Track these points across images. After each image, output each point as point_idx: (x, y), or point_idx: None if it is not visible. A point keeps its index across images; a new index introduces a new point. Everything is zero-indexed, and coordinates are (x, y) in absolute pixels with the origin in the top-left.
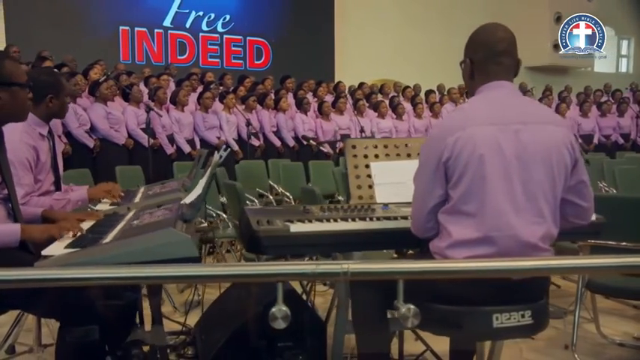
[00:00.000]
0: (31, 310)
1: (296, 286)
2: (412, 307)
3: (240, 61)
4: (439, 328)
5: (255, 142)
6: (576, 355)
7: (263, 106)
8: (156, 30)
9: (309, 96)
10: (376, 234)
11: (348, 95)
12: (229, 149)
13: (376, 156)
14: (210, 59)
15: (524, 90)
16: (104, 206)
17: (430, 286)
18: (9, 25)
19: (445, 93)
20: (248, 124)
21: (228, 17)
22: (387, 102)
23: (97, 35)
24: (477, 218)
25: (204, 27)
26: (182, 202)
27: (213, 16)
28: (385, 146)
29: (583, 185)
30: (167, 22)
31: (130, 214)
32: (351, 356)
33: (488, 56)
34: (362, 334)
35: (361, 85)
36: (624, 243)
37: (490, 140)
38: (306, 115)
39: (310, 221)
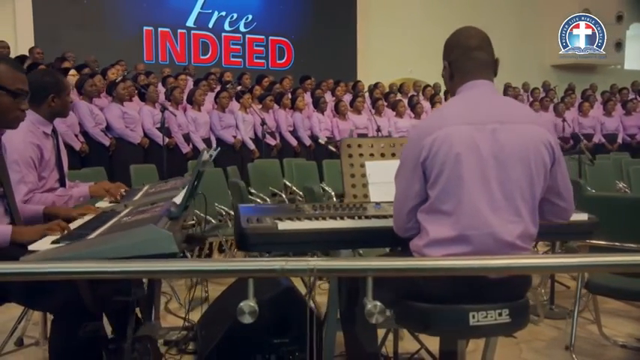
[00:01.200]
0: (25, 303)
1: (299, 284)
2: (378, 303)
3: (263, 61)
4: (416, 325)
5: (271, 142)
6: (574, 356)
7: (280, 105)
8: (179, 30)
9: (328, 95)
10: (364, 232)
11: (366, 94)
12: (219, 149)
13: (371, 155)
14: (232, 59)
15: (546, 89)
16: (104, 203)
17: (407, 284)
18: (37, 26)
19: None
20: (263, 123)
21: (250, 17)
22: (405, 101)
23: (122, 36)
24: (453, 217)
25: (226, 27)
26: (173, 200)
27: (235, 16)
28: (381, 145)
29: (562, 185)
30: (190, 23)
31: (125, 212)
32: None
33: (463, 52)
34: (348, 332)
35: (377, 84)
36: (629, 244)
37: (467, 139)
38: (323, 114)
39: (299, 219)
